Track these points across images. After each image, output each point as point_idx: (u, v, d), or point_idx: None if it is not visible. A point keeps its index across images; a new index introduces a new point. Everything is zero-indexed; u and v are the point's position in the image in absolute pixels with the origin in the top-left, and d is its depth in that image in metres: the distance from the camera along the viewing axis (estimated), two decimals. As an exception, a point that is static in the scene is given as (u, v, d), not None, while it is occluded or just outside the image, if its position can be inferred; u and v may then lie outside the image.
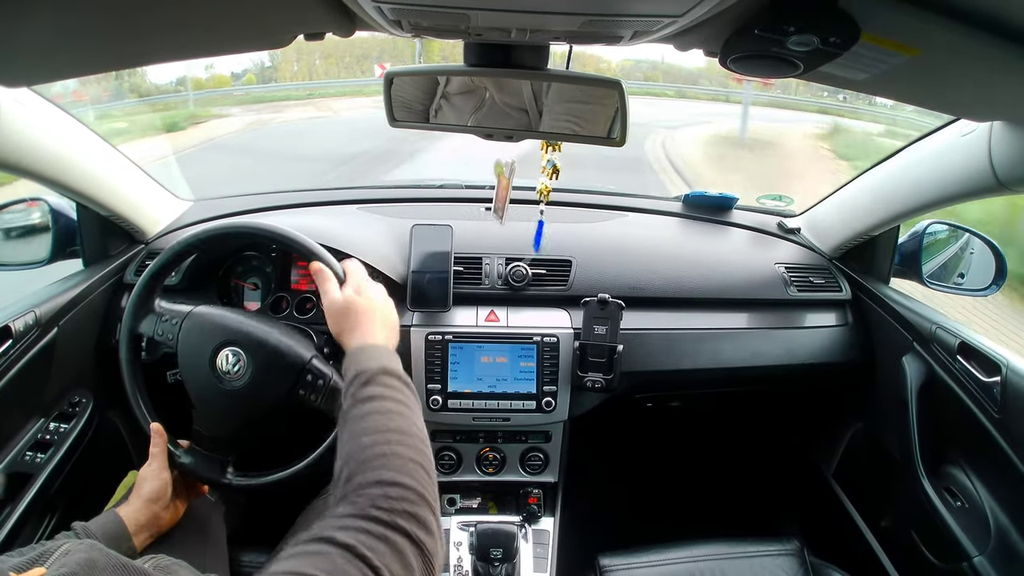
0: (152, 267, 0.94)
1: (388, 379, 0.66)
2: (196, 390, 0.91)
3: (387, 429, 0.60)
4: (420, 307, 1.17)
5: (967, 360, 1.01)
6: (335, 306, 0.78)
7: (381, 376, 0.66)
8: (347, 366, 0.69)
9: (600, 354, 1.14)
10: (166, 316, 0.93)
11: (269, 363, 0.89)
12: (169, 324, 0.92)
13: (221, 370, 0.89)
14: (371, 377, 0.65)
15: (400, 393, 0.66)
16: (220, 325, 0.91)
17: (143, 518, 0.84)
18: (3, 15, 0.49)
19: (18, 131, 0.88)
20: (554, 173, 1.07)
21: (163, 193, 1.35)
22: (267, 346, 0.90)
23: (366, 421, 0.61)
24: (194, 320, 0.92)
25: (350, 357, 0.71)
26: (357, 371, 0.67)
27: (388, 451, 0.58)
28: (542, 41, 0.71)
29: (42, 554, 0.50)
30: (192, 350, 0.91)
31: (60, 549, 0.51)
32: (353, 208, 1.43)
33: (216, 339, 0.90)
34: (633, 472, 1.75)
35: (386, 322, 0.78)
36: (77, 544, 0.52)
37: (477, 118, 0.83)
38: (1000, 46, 0.55)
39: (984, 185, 0.88)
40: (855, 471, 1.37)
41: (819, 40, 0.54)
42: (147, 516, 0.84)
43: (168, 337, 0.92)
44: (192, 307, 0.93)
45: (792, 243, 1.41)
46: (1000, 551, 0.94)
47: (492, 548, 1.05)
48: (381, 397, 0.64)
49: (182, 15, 0.60)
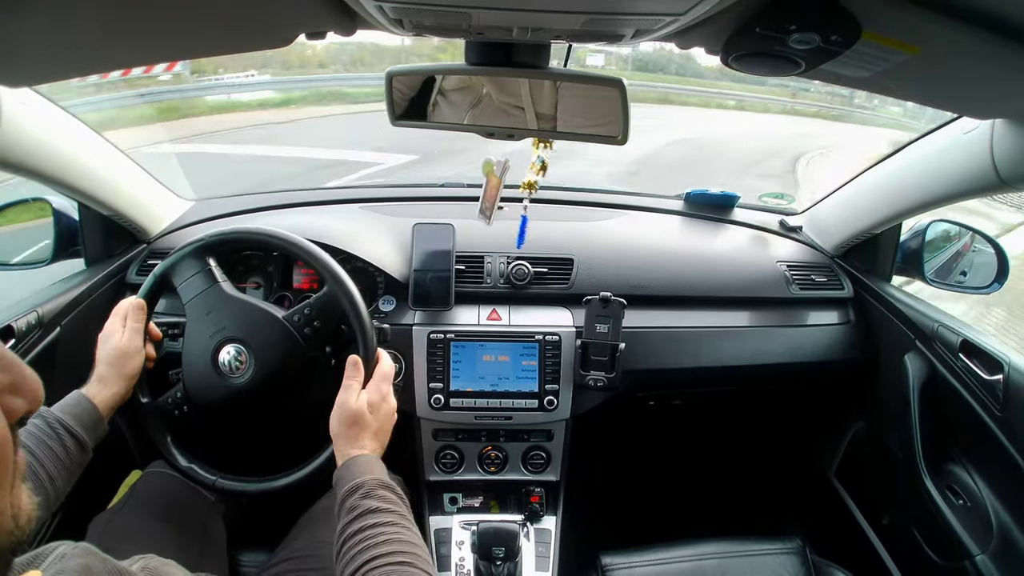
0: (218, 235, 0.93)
1: (387, 493, 0.72)
2: (191, 372, 0.90)
3: (399, 540, 0.66)
4: (422, 306, 1.17)
5: (969, 358, 1.01)
6: (345, 410, 0.80)
7: (380, 490, 0.71)
8: (341, 475, 0.74)
9: (602, 353, 1.14)
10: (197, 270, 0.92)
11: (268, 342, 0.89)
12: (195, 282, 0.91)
13: (223, 363, 0.88)
14: (371, 490, 0.71)
15: (400, 507, 0.71)
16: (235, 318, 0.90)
17: (118, 398, 0.84)
18: (4, 15, 0.50)
19: (20, 131, 0.88)
20: (542, 170, 1.06)
21: (165, 192, 1.35)
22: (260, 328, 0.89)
23: (376, 532, 0.66)
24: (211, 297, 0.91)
25: (343, 467, 0.76)
26: (356, 482, 0.71)
27: (405, 561, 0.63)
28: (543, 40, 0.71)
29: (37, 556, 0.50)
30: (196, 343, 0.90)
31: (55, 552, 0.50)
32: (355, 207, 1.43)
33: (226, 331, 0.89)
34: (635, 471, 1.75)
35: (382, 440, 0.82)
36: (72, 548, 0.51)
37: (474, 115, 0.82)
38: (1001, 44, 0.55)
39: (986, 183, 0.88)
40: (857, 469, 1.37)
41: (820, 38, 0.54)
42: (121, 395, 0.85)
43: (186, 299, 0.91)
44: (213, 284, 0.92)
45: (794, 241, 1.41)
46: (1002, 550, 0.94)
47: (494, 547, 1.05)
48: (386, 511, 0.69)
49: (183, 14, 0.60)
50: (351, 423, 0.79)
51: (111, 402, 0.83)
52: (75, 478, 0.76)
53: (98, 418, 0.80)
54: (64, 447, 0.74)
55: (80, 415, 0.78)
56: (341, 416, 0.80)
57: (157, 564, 0.64)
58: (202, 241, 0.92)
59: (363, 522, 0.67)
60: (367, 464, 0.75)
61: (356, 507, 0.68)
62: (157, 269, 0.92)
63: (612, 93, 0.75)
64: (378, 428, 0.81)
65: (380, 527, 0.66)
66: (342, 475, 0.74)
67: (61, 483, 0.73)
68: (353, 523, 0.67)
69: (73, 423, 0.76)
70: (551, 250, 1.26)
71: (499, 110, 0.82)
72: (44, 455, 0.72)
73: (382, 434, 0.82)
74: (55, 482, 0.72)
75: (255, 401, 0.90)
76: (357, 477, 0.72)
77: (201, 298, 0.91)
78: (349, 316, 0.88)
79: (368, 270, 1.21)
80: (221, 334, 0.89)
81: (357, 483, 0.71)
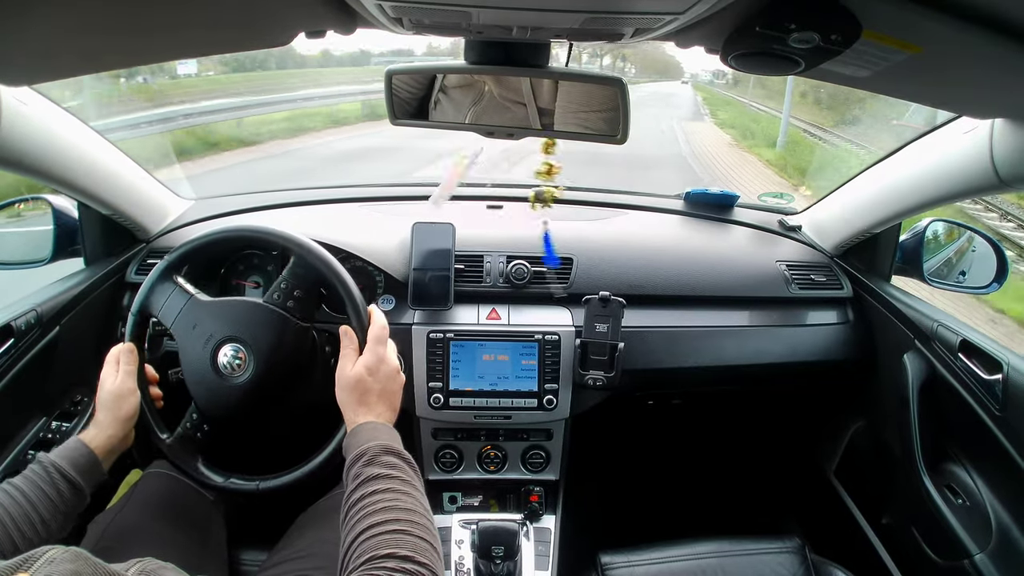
0: (176, 253, 0.93)
1: (391, 458, 0.70)
2: (198, 387, 0.90)
3: (396, 507, 0.64)
4: (421, 305, 1.17)
5: (968, 358, 1.01)
6: (344, 379, 0.81)
7: (384, 455, 0.70)
8: (348, 443, 0.74)
9: (601, 352, 1.14)
10: (174, 291, 0.92)
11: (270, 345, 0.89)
12: (176, 301, 0.92)
13: (223, 365, 0.89)
14: (374, 456, 0.69)
15: (404, 472, 0.69)
16: (218, 320, 0.91)
17: (115, 442, 0.84)
18: (4, 14, 0.49)
19: (20, 130, 0.88)
20: (549, 172, 1.07)
21: (164, 192, 1.35)
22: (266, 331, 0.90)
23: (375, 499, 0.65)
24: (193, 308, 0.91)
25: (351, 434, 0.75)
26: (360, 449, 0.70)
27: (400, 528, 0.61)
28: (543, 39, 0.71)
29: (26, 559, 0.49)
30: (191, 343, 0.90)
31: (44, 556, 0.50)
32: (354, 206, 1.43)
33: (215, 336, 0.89)
34: (634, 470, 1.75)
35: (389, 400, 0.82)
36: (62, 552, 0.51)
37: (476, 112, 0.83)
38: (1001, 44, 0.55)
39: (985, 183, 0.88)
40: (856, 469, 1.37)
41: (820, 37, 0.54)
42: (119, 439, 0.85)
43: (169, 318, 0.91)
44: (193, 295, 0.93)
45: (793, 241, 1.41)
46: (1001, 549, 0.94)
47: (494, 546, 1.05)
48: (387, 477, 0.67)
49: (183, 13, 0.60)
50: (351, 389, 0.79)
51: (107, 445, 0.83)
52: (72, 521, 0.77)
53: (95, 462, 0.80)
54: (58, 491, 0.74)
55: (77, 460, 0.78)
56: (341, 384, 0.81)
57: (155, 567, 0.64)
58: (163, 264, 0.93)
59: (364, 489, 0.66)
60: (373, 430, 0.75)
61: (359, 475, 0.68)
62: (133, 307, 0.92)
63: (611, 92, 0.75)
64: (381, 389, 0.81)
65: (379, 494, 0.65)
66: (350, 442, 0.74)
67: (56, 526, 0.73)
68: (356, 491, 0.67)
69: (69, 467, 0.76)
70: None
71: (501, 107, 0.82)
72: (38, 498, 0.72)
73: (388, 395, 0.81)
74: (48, 525, 0.72)
75: (267, 393, 0.90)
76: (363, 444, 0.71)
77: (182, 316, 0.91)
78: (326, 275, 0.89)
79: (367, 269, 1.21)
80: (212, 340, 0.89)
81: (362, 450, 0.70)
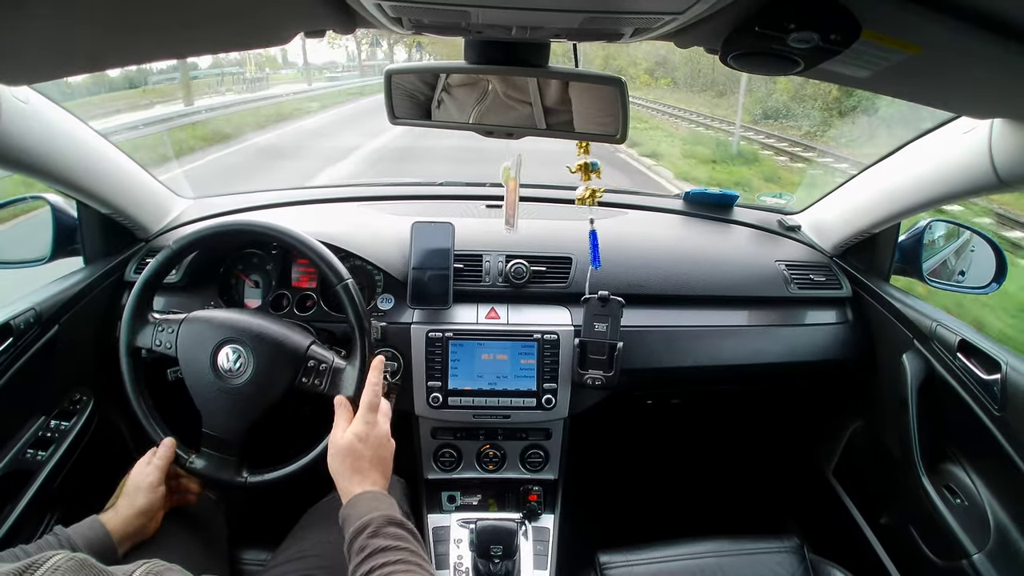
0: (145, 274, 0.96)
1: (396, 530, 0.70)
2: (199, 391, 0.91)
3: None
4: (420, 304, 1.17)
5: (967, 358, 1.01)
6: (337, 446, 0.81)
7: (388, 527, 0.70)
8: (347, 513, 0.73)
9: (600, 351, 1.14)
10: (161, 326, 0.94)
11: (270, 355, 0.90)
12: (166, 333, 0.93)
13: (223, 368, 0.89)
14: (379, 528, 0.69)
15: (411, 544, 0.69)
16: (217, 325, 0.92)
17: (131, 529, 0.83)
18: (4, 13, 0.49)
19: (19, 129, 0.88)
20: (590, 173, 1.06)
21: (164, 191, 1.35)
22: (266, 339, 0.91)
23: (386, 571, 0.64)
24: (191, 324, 0.93)
25: (348, 504, 0.75)
26: (363, 521, 0.70)
27: None
28: (543, 38, 0.71)
29: (29, 566, 0.48)
30: (192, 354, 0.92)
31: (49, 563, 0.49)
32: (353, 206, 1.43)
33: (215, 338, 0.91)
34: (633, 469, 1.75)
35: (382, 467, 0.82)
36: (67, 559, 0.50)
37: (480, 111, 0.82)
38: (1001, 44, 0.55)
39: (985, 183, 0.88)
40: (855, 469, 1.37)
41: (819, 37, 0.54)
42: (135, 527, 0.84)
43: (167, 346, 0.93)
44: (186, 313, 0.95)
45: (793, 241, 1.41)
46: (999, 549, 0.94)
47: (492, 545, 1.05)
48: (395, 548, 0.67)
49: (183, 12, 0.59)
50: (343, 457, 0.79)
51: (123, 531, 0.82)
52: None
53: (110, 545, 0.80)
54: None
55: (92, 539, 0.78)
56: (333, 452, 0.81)
57: (161, 569, 0.64)
58: (133, 299, 0.95)
59: (373, 562, 0.65)
60: (373, 499, 0.74)
61: (366, 547, 0.67)
62: (121, 349, 0.94)
63: (611, 92, 0.75)
64: (372, 456, 0.81)
65: (390, 566, 0.65)
66: (348, 513, 0.73)
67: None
68: (364, 563, 0.66)
69: (83, 545, 0.76)
70: (550, 249, 1.26)
71: (505, 105, 0.81)
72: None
73: (379, 461, 0.81)
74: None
75: (273, 388, 0.91)
76: (364, 515, 0.71)
77: (181, 337, 0.93)
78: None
79: (367, 268, 1.21)
80: (208, 344, 0.91)
81: (365, 521, 0.70)
